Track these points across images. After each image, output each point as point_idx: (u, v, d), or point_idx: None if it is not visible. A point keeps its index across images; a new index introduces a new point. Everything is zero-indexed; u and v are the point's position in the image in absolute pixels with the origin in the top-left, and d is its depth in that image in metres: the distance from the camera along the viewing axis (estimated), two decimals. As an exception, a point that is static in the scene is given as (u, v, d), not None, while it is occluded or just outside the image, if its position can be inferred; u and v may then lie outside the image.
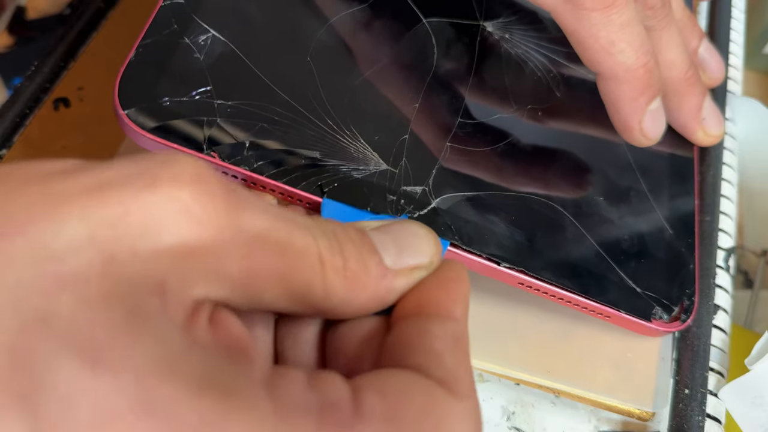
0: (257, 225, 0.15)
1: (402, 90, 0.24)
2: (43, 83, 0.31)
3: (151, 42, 0.22)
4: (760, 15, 0.42)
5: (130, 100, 0.21)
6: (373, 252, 0.18)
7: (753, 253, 0.38)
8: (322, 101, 0.23)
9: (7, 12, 0.40)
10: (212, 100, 0.21)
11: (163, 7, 0.22)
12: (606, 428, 0.26)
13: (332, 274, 0.17)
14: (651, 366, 0.24)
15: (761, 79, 0.44)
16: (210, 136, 0.21)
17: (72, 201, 0.13)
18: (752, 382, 0.25)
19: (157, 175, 0.14)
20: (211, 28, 0.23)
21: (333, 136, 0.22)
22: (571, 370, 0.24)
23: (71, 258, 0.13)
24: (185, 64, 0.22)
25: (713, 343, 0.26)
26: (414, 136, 0.23)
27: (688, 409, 0.25)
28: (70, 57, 0.32)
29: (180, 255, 0.14)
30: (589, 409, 0.26)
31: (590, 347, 0.25)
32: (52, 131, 0.30)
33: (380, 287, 0.18)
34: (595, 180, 0.26)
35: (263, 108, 0.22)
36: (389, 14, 0.26)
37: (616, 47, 0.23)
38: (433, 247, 0.19)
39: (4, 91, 0.37)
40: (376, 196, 0.22)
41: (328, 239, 0.17)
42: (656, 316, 0.24)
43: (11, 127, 0.30)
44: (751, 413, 0.25)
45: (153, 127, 0.20)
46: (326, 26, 0.24)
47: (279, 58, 0.23)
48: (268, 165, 0.21)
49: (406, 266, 0.18)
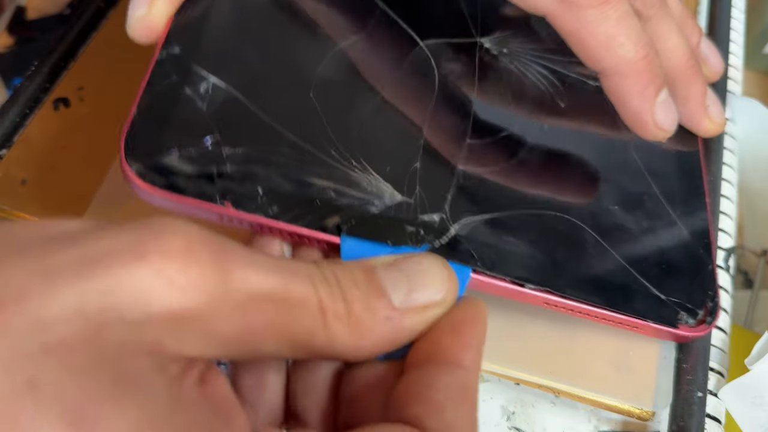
0: (250, 283, 0.16)
1: (407, 117, 0.24)
2: (43, 83, 0.31)
3: (152, 96, 0.21)
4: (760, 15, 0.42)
5: (137, 158, 0.20)
6: (379, 294, 0.18)
7: (753, 253, 0.38)
8: (330, 137, 0.22)
9: (7, 12, 0.40)
10: (220, 148, 0.21)
11: (160, 60, 0.22)
12: (606, 428, 0.26)
13: (335, 321, 0.17)
14: (651, 366, 0.24)
15: (761, 79, 0.44)
16: (221, 186, 0.20)
17: (64, 274, 0.14)
18: (752, 382, 0.25)
19: (146, 248, 0.15)
20: (211, 75, 0.22)
21: (344, 171, 0.22)
22: (571, 370, 0.24)
23: (60, 327, 0.14)
24: (189, 115, 0.21)
25: (713, 343, 0.26)
26: (425, 163, 0.23)
27: (688, 410, 0.25)
28: (70, 57, 0.32)
29: (169, 321, 0.15)
30: (589, 409, 0.26)
31: (590, 347, 0.25)
32: (52, 131, 0.30)
33: (387, 329, 0.18)
34: (608, 188, 0.26)
35: (272, 151, 0.21)
36: (386, 41, 0.25)
37: (616, 41, 0.22)
38: (446, 283, 0.19)
39: (4, 91, 0.37)
40: (394, 229, 0.21)
41: (329, 286, 0.17)
42: (682, 321, 0.23)
43: (11, 127, 0.30)
44: (751, 413, 0.25)
45: (163, 184, 0.20)
46: (325, 61, 0.24)
47: (282, 98, 0.23)
48: (282, 209, 0.20)
49: (416, 305, 0.18)
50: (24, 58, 0.36)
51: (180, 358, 0.15)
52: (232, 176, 0.20)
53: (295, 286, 0.17)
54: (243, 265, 0.16)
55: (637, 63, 0.23)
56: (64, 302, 0.14)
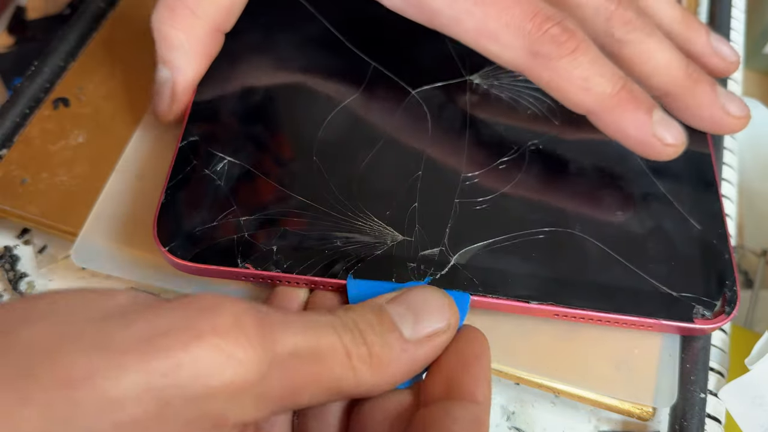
0: (290, 343, 0.18)
1: (403, 163, 0.26)
2: (43, 83, 0.31)
3: (177, 182, 0.24)
4: (760, 15, 0.42)
5: (168, 237, 0.23)
6: (392, 329, 0.20)
7: (753, 253, 0.38)
8: (334, 193, 0.25)
9: (7, 12, 0.40)
10: (238, 218, 0.24)
11: (182, 148, 0.25)
12: (606, 428, 0.26)
13: (360, 364, 0.19)
14: (651, 365, 0.24)
15: (761, 79, 0.44)
16: (242, 251, 0.23)
17: (129, 353, 0.15)
18: (752, 382, 0.25)
19: (201, 327, 0.16)
20: (226, 156, 0.25)
21: (349, 222, 0.24)
22: (571, 369, 0.24)
23: (130, 405, 0.15)
24: (209, 193, 0.24)
25: (713, 343, 0.26)
26: (423, 203, 0.25)
27: (688, 409, 0.25)
28: (70, 57, 0.32)
29: (229, 393, 0.16)
30: (589, 409, 0.26)
31: (590, 347, 0.25)
32: (52, 131, 0.30)
33: (403, 361, 0.20)
34: (610, 195, 0.26)
35: (283, 213, 0.24)
36: (380, 97, 0.27)
37: (591, 81, 0.23)
38: (448, 310, 0.21)
39: (4, 91, 0.37)
40: (397, 267, 0.23)
41: (350, 331, 0.19)
42: (698, 315, 0.24)
43: (11, 127, 0.30)
44: (751, 413, 0.25)
45: (192, 257, 0.23)
46: (324, 125, 0.26)
47: (288, 165, 0.26)
48: (296, 263, 0.23)
49: (424, 334, 0.20)
50: (24, 58, 0.36)
51: (238, 425, 0.17)
52: (249, 241, 0.23)
53: (324, 339, 0.18)
54: (282, 330, 0.18)
55: (618, 93, 0.23)
56: (132, 382, 0.15)
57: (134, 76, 0.31)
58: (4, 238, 0.29)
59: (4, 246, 0.29)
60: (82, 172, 0.29)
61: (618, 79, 0.24)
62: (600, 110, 0.24)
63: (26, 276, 0.29)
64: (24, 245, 0.29)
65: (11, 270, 0.29)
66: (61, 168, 0.29)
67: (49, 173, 0.29)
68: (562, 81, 0.23)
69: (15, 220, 0.28)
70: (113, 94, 0.31)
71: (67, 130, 0.30)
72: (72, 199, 0.28)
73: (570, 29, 0.23)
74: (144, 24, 0.26)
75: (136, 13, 0.33)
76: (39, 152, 0.29)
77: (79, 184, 0.28)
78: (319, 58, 0.28)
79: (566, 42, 0.23)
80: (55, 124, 0.30)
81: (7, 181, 0.28)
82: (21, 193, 0.28)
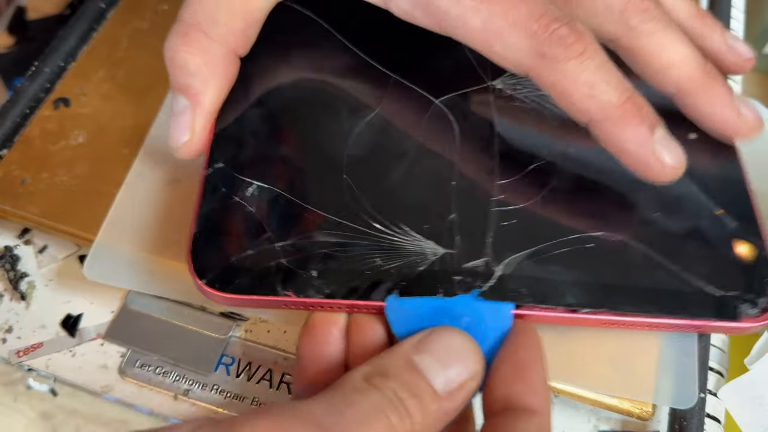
0: None
1: (435, 174, 0.25)
2: (43, 83, 0.31)
3: (206, 211, 0.24)
4: (760, 15, 0.42)
5: (203, 269, 0.22)
6: (426, 387, 0.20)
7: (753, 253, 0.38)
8: (368, 211, 0.24)
9: (7, 12, 0.40)
10: (273, 244, 0.23)
11: (208, 176, 0.24)
12: (606, 428, 0.26)
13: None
14: (651, 365, 0.24)
15: (761, 79, 0.44)
16: (281, 278, 0.22)
17: None
18: (752, 382, 0.25)
19: None
20: (254, 180, 0.24)
21: (387, 239, 0.23)
22: (570, 369, 0.24)
23: None
24: (242, 220, 0.24)
25: (713, 343, 0.26)
26: (460, 213, 0.24)
27: (688, 409, 0.25)
28: (70, 57, 0.32)
29: None
30: (588, 409, 0.26)
31: (590, 346, 0.25)
32: (52, 131, 0.30)
33: (439, 417, 0.20)
34: (647, 197, 0.25)
35: (319, 235, 0.23)
36: (403, 108, 0.27)
37: (597, 88, 0.23)
38: (473, 356, 0.21)
39: (4, 91, 0.37)
40: (442, 282, 0.23)
41: (396, 409, 0.19)
42: (744, 313, 0.23)
43: (11, 127, 0.30)
44: (751, 413, 0.25)
45: (230, 288, 0.22)
46: (351, 141, 0.26)
47: (319, 186, 0.25)
48: (337, 288, 0.22)
49: (455, 386, 0.20)
50: (24, 58, 0.36)
51: None
52: (288, 268, 0.23)
53: (377, 426, 0.19)
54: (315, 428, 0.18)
55: (623, 105, 0.23)
56: None
57: (134, 76, 0.31)
58: (5, 238, 0.30)
59: (5, 246, 0.29)
60: (82, 172, 0.29)
61: (624, 89, 0.23)
62: (602, 119, 0.23)
63: (26, 276, 0.29)
64: (24, 245, 0.29)
65: (11, 270, 0.29)
66: (61, 168, 0.29)
67: (49, 173, 0.29)
68: (567, 84, 0.23)
69: (15, 220, 0.28)
70: (113, 94, 0.31)
71: (67, 130, 0.30)
72: (72, 199, 0.28)
73: (578, 31, 0.23)
74: (144, 24, 0.26)
75: (136, 13, 0.33)
76: (39, 152, 0.29)
77: (79, 184, 0.28)
78: (337, 74, 0.28)
79: (574, 44, 0.22)
80: (55, 124, 0.30)
81: (7, 181, 0.28)
82: (21, 193, 0.28)
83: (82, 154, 0.29)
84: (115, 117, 0.30)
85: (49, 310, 0.28)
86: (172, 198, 0.27)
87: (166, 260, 0.25)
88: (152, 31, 0.33)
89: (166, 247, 0.26)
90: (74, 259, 0.29)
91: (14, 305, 0.28)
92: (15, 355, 0.27)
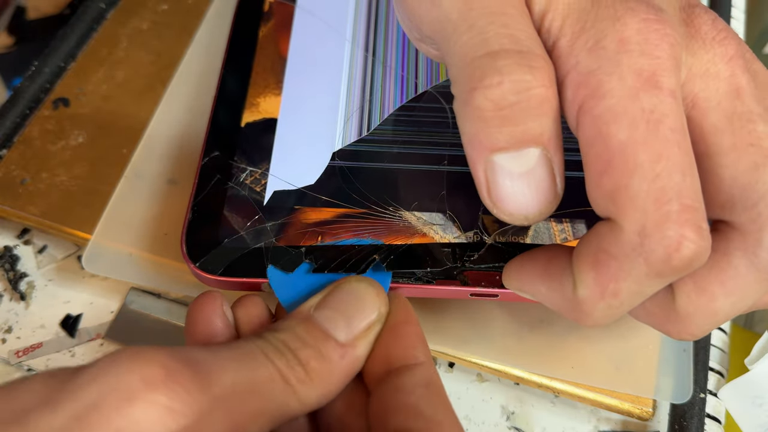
0: (226, 382, 0.17)
1: (428, 155, 0.25)
2: (43, 83, 0.31)
3: (202, 198, 0.24)
4: (760, 15, 0.42)
5: (196, 253, 0.23)
6: (326, 338, 0.19)
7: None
8: (358, 189, 0.25)
9: (7, 12, 0.40)
10: (264, 224, 0.24)
11: (204, 165, 0.25)
12: (606, 428, 0.26)
13: (300, 385, 0.18)
14: (651, 365, 0.24)
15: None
16: (271, 257, 0.23)
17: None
18: (752, 382, 0.25)
19: (131, 388, 0.15)
20: (248, 166, 0.25)
21: (378, 217, 0.24)
22: (570, 369, 0.24)
23: None
24: (234, 205, 0.24)
25: (713, 343, 0.26)
26: (451, 190, 0.25)
27: (688, 409, 0.25)
28: (70, 57, 0.32)
29: None
30: (588, 409, 0.26)
31: (590, 346, 0.25)
32: (52, 131, 0.30)
33: (344, 365, 0.19)
34: None
35: (310, 215, 0.24)
36: (395, 95, 0.27)
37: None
38: (376, 299, 0.20)
39: (4, 91, 0.37)
40: (431, 255, 0.23)
41: (282, 355, 0.18)
42: None
43: (11, 127, 0.30)
44: (751, 413, 0.25)
45: (222, 271, 0.23)
46: (344, 124, 0.26)
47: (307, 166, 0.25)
48: (327, 262, 0.23)
49: (359, 332, 0.20)
50: (24, 58, 0.36)
51: None
52: (278, 246, 0.23)
53: (259, 370, 0.18)
54: (215, 369, 0.17)
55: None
56: None
57: (134, 76, 0.31)
58: (4, 238, 0.30)
59: (4, 246, 0.29)
60: (82, 173, 0.29)
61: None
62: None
63: (26, 276, 0.29)
64: (24, 245, 0.29)
65: (11, 270, 0.29)
66: (61, 168, 0.29)
67: (49, 173, 0.29)
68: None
69: (15, 220, 0.28)
70: (113, 94, 0.31)
71: (67, 130, 0.30)
72: (72, 199, 0.28)
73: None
74: (144, 24, 0.26)
75: (135, 13, 0.33)
76: (39, 152, 0.29)
77: (79, 185, 0.28)
78: (325, 66, 0.28)
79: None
80: (55, 124, 0.30)
81: (7, 181, 0.28)
82: (21, 193, 0.28)
83: (81, 154, 0.29)
84: (115, 117, 0.30)
85: (48, 311, 0.28)
86: (170, 197, 0.27)
87: (154, 257, 0.26)
88: (152, 31, 0.33)
89: (154, 244, 0.26)
90: (74, 259, 0.29)
91: (14, 305, 0.28)
92: (14, 356, 0.27)
